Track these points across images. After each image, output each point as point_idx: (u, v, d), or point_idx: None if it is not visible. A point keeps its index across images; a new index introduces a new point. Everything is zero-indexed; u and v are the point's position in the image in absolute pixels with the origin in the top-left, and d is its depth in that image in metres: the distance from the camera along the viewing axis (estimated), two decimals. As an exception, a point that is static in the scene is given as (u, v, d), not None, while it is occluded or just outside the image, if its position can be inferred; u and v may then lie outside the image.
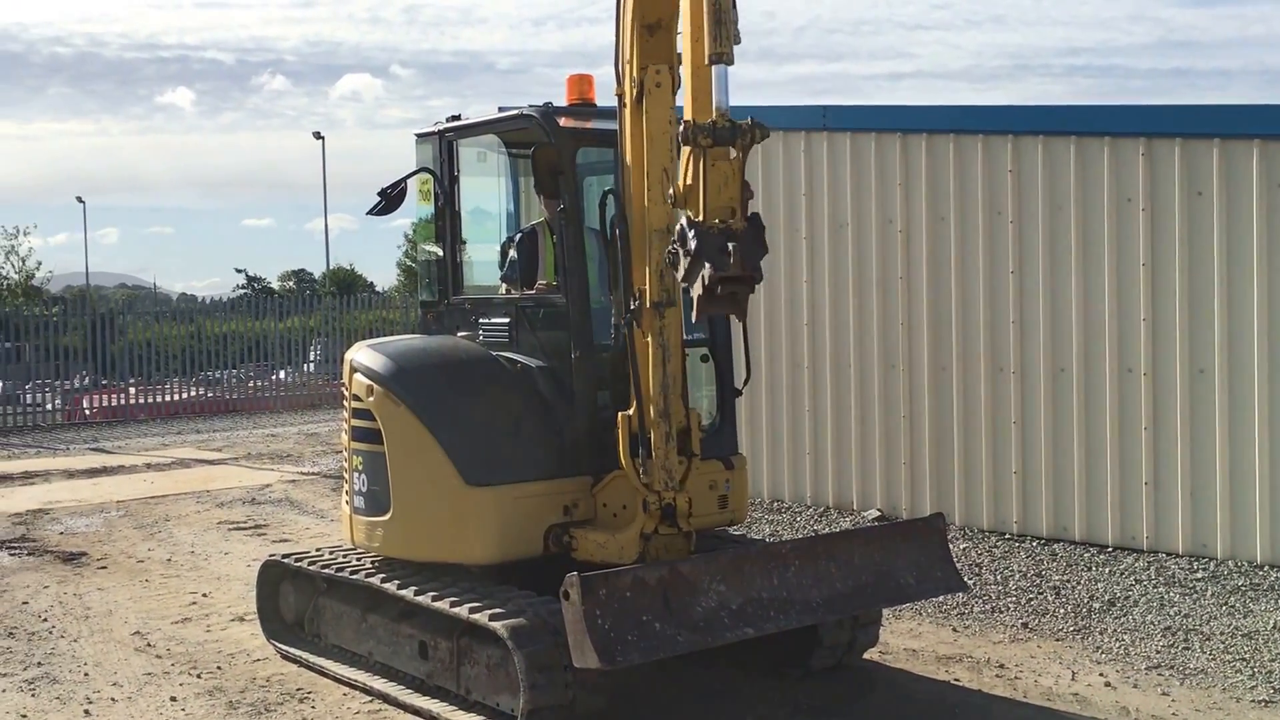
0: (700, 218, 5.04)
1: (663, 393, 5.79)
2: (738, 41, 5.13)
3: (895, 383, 10.57)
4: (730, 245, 4.91)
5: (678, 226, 5.08)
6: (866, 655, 6.73)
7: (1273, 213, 8.55)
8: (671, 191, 5.30)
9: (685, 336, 6.45)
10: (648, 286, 5.80)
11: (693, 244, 4.96)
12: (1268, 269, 8.55)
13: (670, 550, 5.93)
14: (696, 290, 5.00)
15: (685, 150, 5.14)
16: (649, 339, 5.83)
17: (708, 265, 4.91)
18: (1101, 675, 6.56)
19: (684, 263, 5.02)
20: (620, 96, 5.99)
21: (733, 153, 5.12)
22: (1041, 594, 8.15)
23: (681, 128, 5.14)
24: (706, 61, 5.12)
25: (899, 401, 10.54)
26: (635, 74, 5.81)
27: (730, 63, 5.11)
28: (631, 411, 5.90)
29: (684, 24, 5.36)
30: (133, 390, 23.96)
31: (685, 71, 5.37)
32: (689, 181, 5.14)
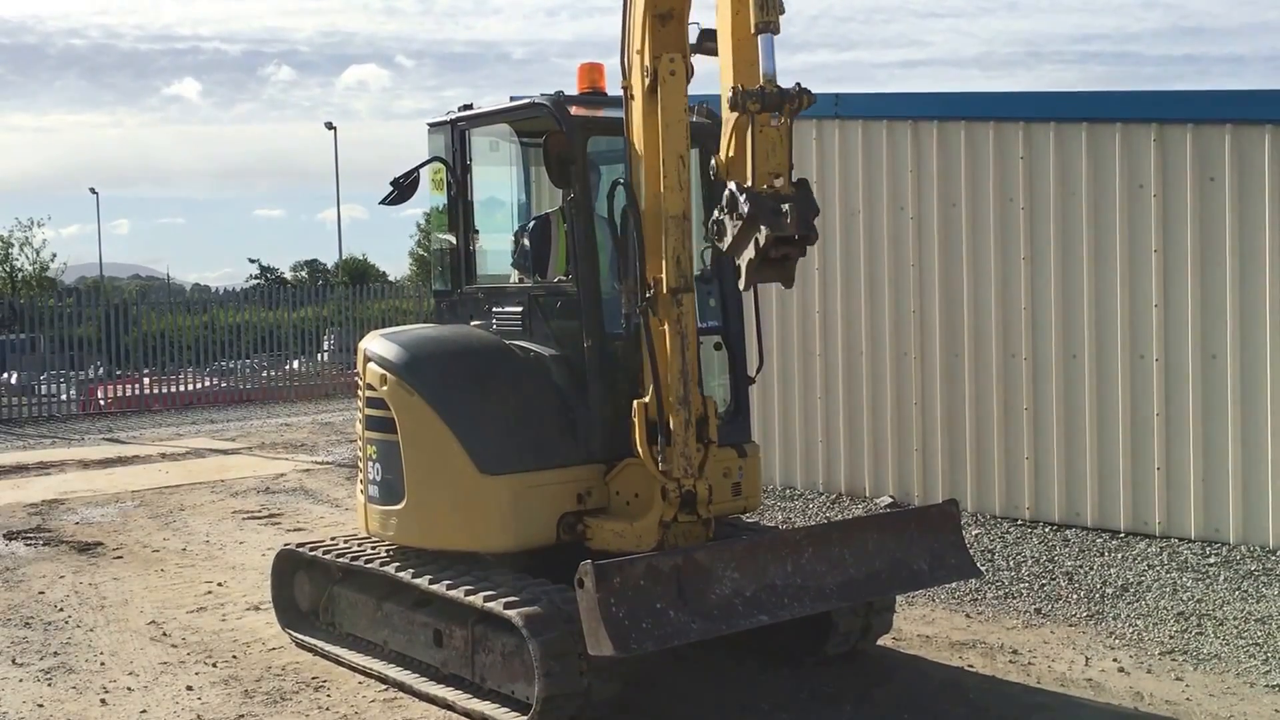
0: (750, 183, 5.02)
1: (682, 380, 5.82)
2: (782, 11, 5.16)
3: (907, 369, 10.57)
4: (785, 206, 4.92)
5: (726, 194, 5.06)
6: (880, 642, 6.75)
7: (1286, 197, 8.53)
8: (714, 164, 5.33)
9: (699, 325, 6.45)
10: (664, 274, 5.80)
11: (745, 208, 4.94)
12: (1280, 254, 8.54)
13: (689, 537, 5.95)
14: (748, 256, 5.00)
15: (730, 120, 5.17)
16: (666, 327, 5.85)
17: (764, 228, 4.91)
18: (1115, 660, 6.57)
19: (732, 230, 5.02)
20: (628, 89, 6.00)
21: (778, 119, 5.11)
22: (1054, 580, 8.15)
23: (729, 94, 5.13)
24: (753, 31, 5.11)
25: (911, 388, 10.53)
26: (648, 63, 5.82)
27: (777, 31, 5.12)
28: (648, 399, 5.92)
29: None
30: (147, 380, 24.07)
31: (724, 43, 5.39)
32: (733, 152, 5.18)
